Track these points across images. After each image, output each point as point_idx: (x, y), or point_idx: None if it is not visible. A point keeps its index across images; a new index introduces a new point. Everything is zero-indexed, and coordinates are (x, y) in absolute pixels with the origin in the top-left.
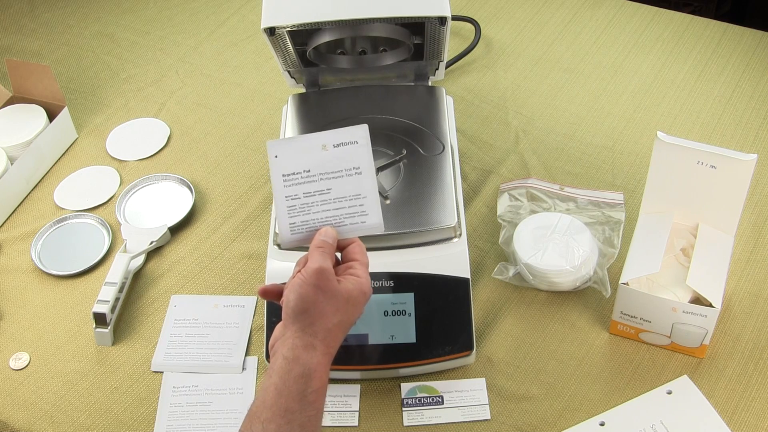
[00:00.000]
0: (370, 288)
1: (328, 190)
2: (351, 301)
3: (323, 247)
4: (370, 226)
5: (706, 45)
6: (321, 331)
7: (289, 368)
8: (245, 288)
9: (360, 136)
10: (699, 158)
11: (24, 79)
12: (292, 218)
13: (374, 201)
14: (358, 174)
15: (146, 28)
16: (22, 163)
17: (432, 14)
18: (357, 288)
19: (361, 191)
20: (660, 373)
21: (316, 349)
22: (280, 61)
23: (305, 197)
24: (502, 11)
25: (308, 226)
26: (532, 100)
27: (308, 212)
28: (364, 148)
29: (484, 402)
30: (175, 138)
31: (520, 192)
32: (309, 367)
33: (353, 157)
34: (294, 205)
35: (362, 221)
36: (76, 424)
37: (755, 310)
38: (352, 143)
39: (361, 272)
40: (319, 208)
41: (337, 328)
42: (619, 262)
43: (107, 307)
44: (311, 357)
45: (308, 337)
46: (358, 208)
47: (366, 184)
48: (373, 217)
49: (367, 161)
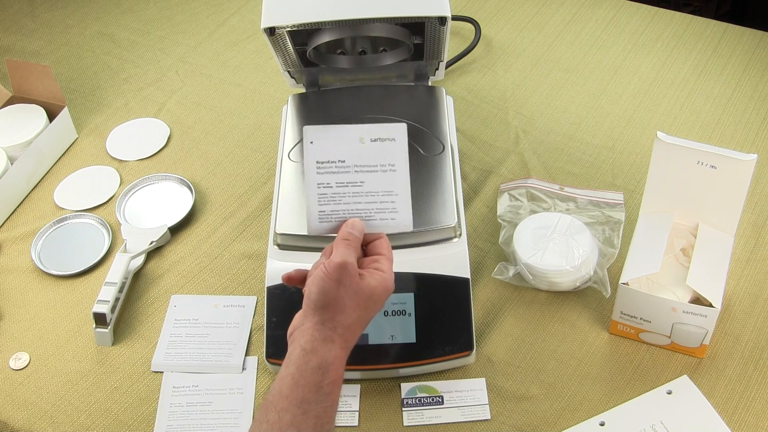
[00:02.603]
0: (393, 285)
1: (361, 182)
2: (373, 297)
3: (349, 239)
4: (400, 224)
5: (706, 45)
6: (340, 326)
7: (306, 359)
8: (245, 288)
9: (398, 134)
10: (699, 158)
11: (24, 79)
12: (322, 206)
13: (406, 200)
14: (393, 171)
15: (146, 28)
16: (22, 163)
17: (432, 14)
18: (381, 284)
19: (394, 188)
20: (660, 373)
21: (334, 343)
22: (280, 61)
23: (338, 186)
24: (502, 11)
25: (337, 215)
26: (532, 100)
27: (339, 202)
28: (401, 146)
29: (484, 402)
30: (175, 138)
31: (520, 192)
32: (326, 359)
33: (389, 153)
34: (325, 193)
35: (392, 218)
36: (76, 424)
37: (755, 310)
38: (390, 140)
39: (386, 267)
40: (351, 199)
41: (356, 324)
42: (619, 262)
43: (107, 307)
44: (329, 350)
45: (327, 331)
46: (389, 205)
47: (400, 182)
48: (403, 216)
49: (403, 159)
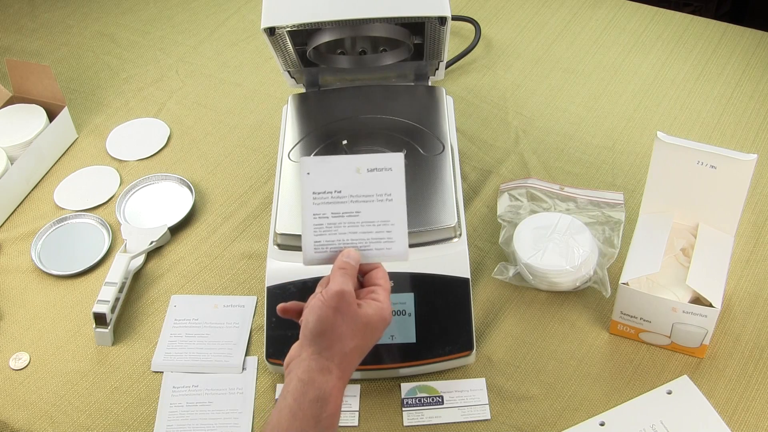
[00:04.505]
0: (390, 315)
1: (357, 212)
2: (370, 326)
3: (345, 268)
4: (396, 254)
5: (706, 45)
6: (337, 355)
7: (304, 390)
8: (245, 288)
9: (395, 164)
10: (699, 158)
11: (24, 79)
12: (317, 236)
13: (402, 229)
14: (389, 201)
15: (146, 28)
16: (22, 163)
17: (432, 14)
18: (377, 314)
19: (390, 218)
20: (660, 373)
21: (331, 373)
22: (280, 61)
23: (333, 217)
24: (502, 11)
25: (333, 246)
26: (532, 100)
27: (335, 232)
28: (398, 176)
29: (484, 402)
30: (175, 138)
31: (520, 192)
32: (324, 390)
33: (386, 183)
34: (321, 223)
35: (388, 248)
36: (76, 424)
37: (755, 310)
38: (387, 170)
39: (383, 297)
40: (346, 229)
41: (354, 353)
42: (619, 262)
43: (107, 307)
44: (327, 381)
45: (324, 361)
46: (385, 234)
47: (396, 211)
48: (399, 246)
49: (399, 189)
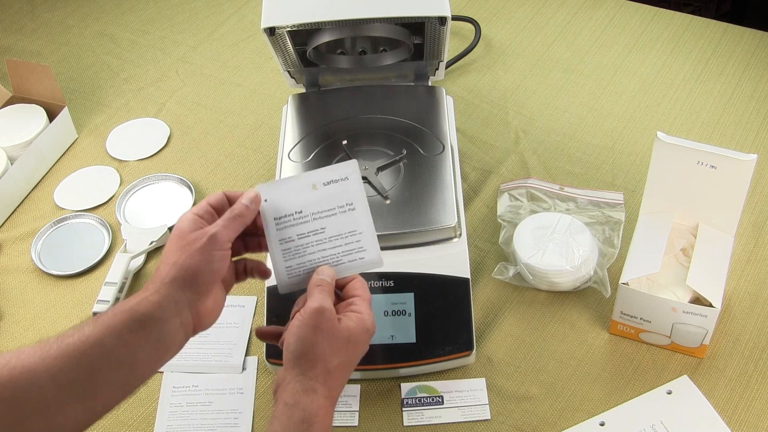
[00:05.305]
0: (373, 324)
1: (322, 229)
2: (352, 339)
3: (322, 285)
4: (369, 262)
5: (706, 45)
6: (321, 374)
7: (290, 414)
8: (245, 288)
9: (350, 173)
10: (699, 158)
11: (24, 79)
12: (287, 261)
13: (371, 236)
14: (351, 210)
15: (146, 28)
16: (22, 163)
17: (432, 14)
18: (359, 325)
19: (356, 227)
20: (660, 373)
21: (317, 393)
22: (280, 61)
23: (299, 239)
24: (502, 11)
25: (305, 268)
26: (532, 100)
27: (303, 254)
28: (355, 184)
29: (484, 402)
30: (175, 138)
31: (520, 192)
32: (309, 411)
33: (345, 193)
34: (289, 248)
35: (360, 257)
36: None
37: (755, 310)
38: (343, 180)
39: (363, 308)
40: (315, 248)
41: (339, 370)
42: (619, 262)
43: (107, 307)
44: (312, 402)
45: (308, 381)
46: (355, 245)
47: (361, 219)
48: (371, 253)
49: (359, 197)
